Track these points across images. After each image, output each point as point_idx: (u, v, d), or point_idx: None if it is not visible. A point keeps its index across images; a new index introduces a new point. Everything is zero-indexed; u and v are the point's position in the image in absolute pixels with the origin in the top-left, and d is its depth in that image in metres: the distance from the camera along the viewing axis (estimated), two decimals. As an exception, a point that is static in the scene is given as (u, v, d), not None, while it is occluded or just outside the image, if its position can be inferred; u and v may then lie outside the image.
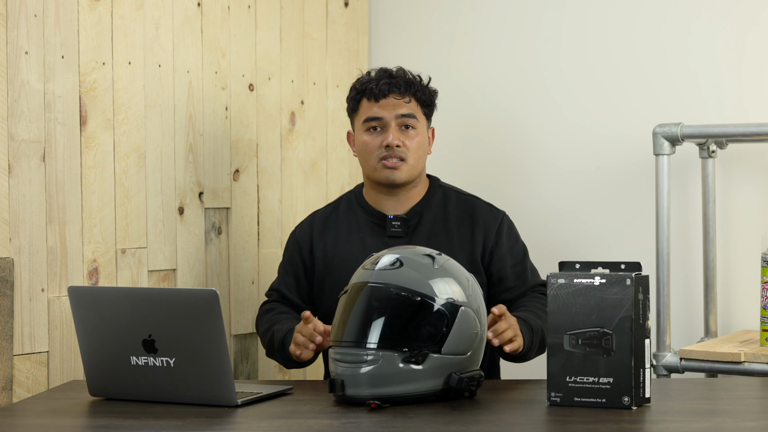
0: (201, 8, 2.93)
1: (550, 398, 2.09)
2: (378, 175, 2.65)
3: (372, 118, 2.66)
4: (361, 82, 2.71)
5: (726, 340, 2.89)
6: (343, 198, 2.79)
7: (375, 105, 2.66)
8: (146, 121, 2.78)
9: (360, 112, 2.70)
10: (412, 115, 2.66)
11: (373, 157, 2.65)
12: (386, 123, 2.65)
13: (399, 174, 2.64)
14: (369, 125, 2.66)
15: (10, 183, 2.48)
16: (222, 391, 2.12)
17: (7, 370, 2.46)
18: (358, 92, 2.70)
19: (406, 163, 2.64)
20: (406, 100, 2.66)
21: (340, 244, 2.69)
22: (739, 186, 3.04)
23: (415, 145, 2.65)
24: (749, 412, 2.13)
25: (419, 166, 2.68)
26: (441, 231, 2.66)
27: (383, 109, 2.65)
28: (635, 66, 3.16)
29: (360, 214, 2.72)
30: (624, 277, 2.04)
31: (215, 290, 2.08)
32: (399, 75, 2.69)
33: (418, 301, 2.13)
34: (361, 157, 2.70)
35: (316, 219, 2.76)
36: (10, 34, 2.48)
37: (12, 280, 2.48)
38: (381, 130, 2.66)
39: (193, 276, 2.90)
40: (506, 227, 2.69)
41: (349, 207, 2.75)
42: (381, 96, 2.65)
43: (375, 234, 2.68)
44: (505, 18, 3.34)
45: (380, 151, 2.64)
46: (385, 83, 2.65)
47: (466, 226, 2.67)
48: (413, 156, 2.65)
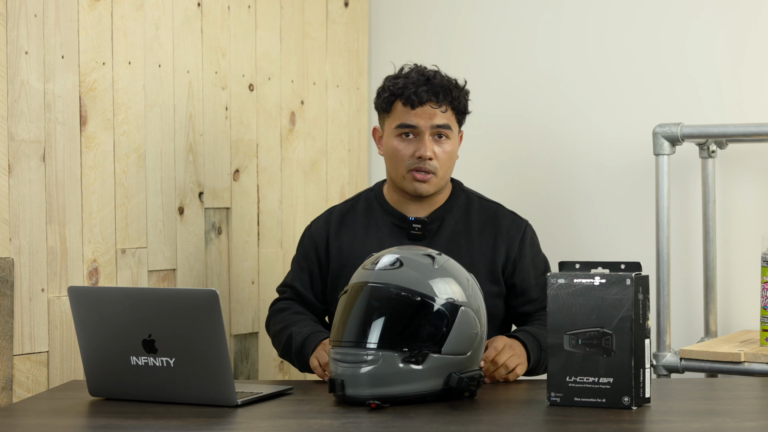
0: (201, 8, 2.93)
1: (550, 398, 2.09)
2: (406, 185, 2.59)
3: (406, 125, 2.57)
4: (397, 84, 2.59)
5: (726, 340, 2.89)
6: (362, 195, 2.72)
7: (410, 112, 2.56)
8: (146, 121, 2.78)
9: (393, 115, 2.60)
10: (447, 126, 2.58)
11: (403, 165, 2.58)
12: (420, 132, 2.56)
13: (427, 187, 2.57)
14: (402, 131, 2.57)
15: (10, 183, 2.48)
16: (222, 391, 2.12)
17: (7, 370, 2.46)
18: (393, 93, 2.59)
19: (436, 176, 2.57)
20: (443, 109, 2.57)
21: (357, 243, 2.63)
22: (739, 186, 3.04)
23: (446, 156, 2.58)
24: (749, 412, 2.13)
25: (447, 176, 2.62)
26: (462, 236, 2.61)
27: (419, 117, 2.56)
28: (635, 66, 3.16)
29: (379, 214, 2.65)
30: (624, 277, 2.04)
31: (215, 290, 2.08)
32: (437, 81, 2.58)
33: (418, 301, 2.13)
34: (389, 162, 2.62)
35: (333, 215, 2.69)
36: (10, 34, 2.48)
37: (12, 280, 2.48)
38: (414, 137, 2.57)
39: (193, 276, 2.90)
40: (529, 237, 2.64)
41: (368, 206, 2.68)
42: (418, 104, 2.56)
43: (394, 235, 2.62)
44: (504, 18, 3.34)
45: (411, 161, 2.56)
46: (424, 91, 2.55)
47: (488, 233, 2.61)
48: (443, 167, 2.58)
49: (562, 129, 3.26)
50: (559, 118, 3.26)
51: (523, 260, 2.61)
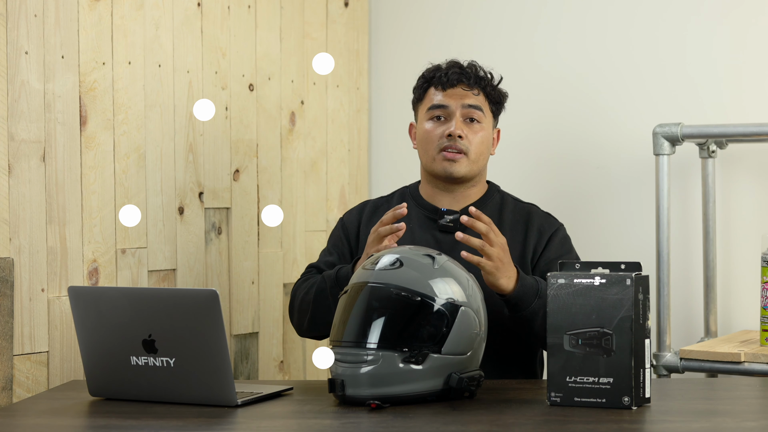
0: (201, 8, 2.93)
1: (550, 398, 2.09)
2: (436, 166, 2.57)
3: (437, 106, 2.58)
4: (430, 71, 2.63)
5: (726, 340, 2.89)
6: (398, 191, 2.73)
7: (441, 93, 2.58)
8: (146, 121, 2.78)
9: (425, 101, 2.62)
10: (479, 107, 2.58)
11: (433, 146, 2.57)
12: (451, 112, 2.57)
13: (458, 167, 2.56)
14: (433, 113, 2.58)
15: (10, 183, 2.48)
16: (222, 391, 2.12)
17: (7, 370, 2.46)
18: (426, 80, 2.62)
19: (467, 158, 2.56)
20: (475, 92, 2.58)
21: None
22: (739, 186, 3.04)
23: (478, 140, 2.57)
24: (749, 412, 2.14)
25: (480, 162, 2.59)
26: None
27: (450, 97, 2.58)
28: (635, 66, 3.16)
29: (412, 206, 2.63)
30: (624, 277, 2.04)
31: (215, 290, 2.08)
32: (471, 67, 2.62)
33: (418, 301, 2.13)
34: (421, 147, 2.61)
35: (367, 207, 2.70)
36: (10, 34, 2.48)
37: (12, 280, 2.48)
38: (445, 119, 2.58)
39: (193, 276, 2.90)
40: (560, 236, 2.61)
41: (402, 199, 2.67)
42: (449, 85, 2.58)
43: (425, 227, 2.60)
44: (504, 18, 3.34)
45: (441, 141, 2.55)
46: (455, 72, 2.58)
47: (519, 229, 2.60)
48: (475, 150, 2.56)
49: (562, 129, 3.26)
50: (559, 118, 3.26)
51: (547, 253, 2.57)
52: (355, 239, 2.66)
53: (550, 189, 3.26)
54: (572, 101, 3.24)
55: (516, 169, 3.31)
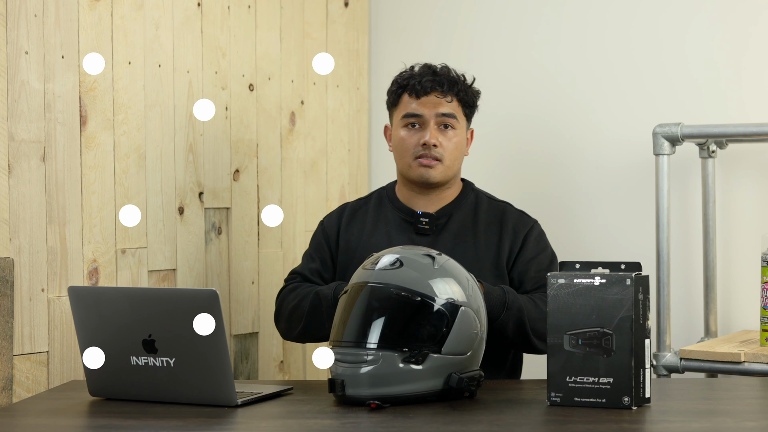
0: (201, 8, 2.93)
1: (550, 398, 2.09)
2: (412, 173, 2.63)
3: (411, 115, 2.63)
4: (404, 76, 2.67)
5: (726, 340, 2.89)
6: (375, 193, 2.77)
7: (415, 101, 2.63)
8: (146, 121, 2.78)
9: (400, 107, 2.66)
10: (453, 115, 2.63)
11: (409, 154, 2.62)
12: (425, 121, 2.62)
13: (434, 173, 2.61)
14: (407, 121, 2.63)
15: (10, 183, 2.48)
16: (222, 391, 2.12)
17: (7, 370, 2.46)
18: (400, 86, 2.67)
19: (442, 164, 2.61)
20: (448, 99, 2.63)
21: (366, 236, 2.67)
22: (739, 186, 3.04)
23: (452, 146, 2.62)
24: (749, 412, 2.13)
25: (455, 167, 2.65)
26: (468, 233, 2.63)
27: (424, 106, 2.62)
28: (635, 66, 3.16)
29: (389, 209, 2.69)
30: (624, 277, 2.04)
31: (215, 290, 2.08)
32: (443, 72, 2.65)
33: (418, 301, 2.13)
34: (397, 153, 2.67)
35: (346, 210, 2.75)
36: (10, 34, 2.48)
37: (12, 280, 2.48)
38: (419, 127, 2.63)
39: (193, 276, 2.90)
40: (535, 234, 2.65)
41: (379, 202, 2.73)
42: (423, 93, 2.62)
43: (402, 230, 2.65)
44: (504, 18, 3.34)
45: (417, 149, 2.61)
46: (428, 80, 2.62)
47: (494, 229, 2.63)
48: (449, 157, 2.62)
49: (562, 129, 3.26)
50: (560, 118, 3.26)
51: (523, 254, 2.61)
52: (335, 243, 2.70)
53: (550, 189, 3.26)
54: (572, 101, 3.24)
55: (516, 169, 3.31)
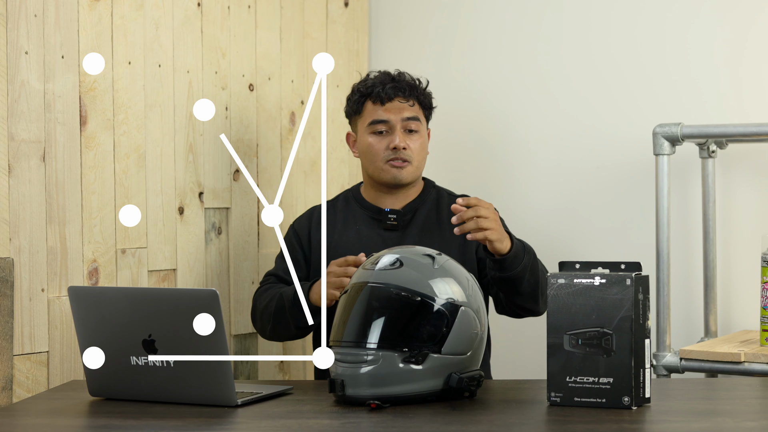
0: (201, 8, 2.93)
1: (550, 398, 2.09)
2: (384, 175, 2.74)
3: (378, 121, 2.74)
4: (365, 85, 2.78)
5: (726, 340, 2.89)
6: (341, 195, 2.88)
7: (380, 108, 2.75)
8: (146, 121, 2.78)
9: (365, 115, 2.77)
10: (416, 118, 2.76)
11: (379, 158, 2.74)
12: (392, 126, 2.74)
13: (405, 174, 2.73)
14: (375, 128, 2.75)
15: (10, 183, 2.48)
16: (222, 391, 2.12)
17: (7, 370, 2.46)
18: (363, 95, 2.78)
19: (411, 165, 2.74)
20: (410, 103, 2.76)
21: (336, 235, 2.76)
22: (739, 186, 3.04)
23: (418, 147, 2.75)
24: (749, 412, 2.13)
25: (422, 166, 2.78)
26: (434, 225, 2.75)
27: (389, 112, 2.74)
28: (635, 66, 3.16)
29: (357, 208, 2.80)
30: (624, 277, 2.04)
31: (215, 290, 2.08)
32: (402, 79, 2.77)
33: (418, 301, 2.13)
34: (365, 159, 2.77)
35: (315, 213, 2.83)
36: (10, 34, 2.48)
37: (12, 280, 2.48)
38: (387, 132, 2.74)
39: (193, 276, 2.90)
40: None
41: (346, 203, 2.83)
42: (387, 99, 2.74)
43: (371, 226, 2.76)
44: (505, 18, 3.34)
45: (387, 153, 2.73)
46: (391, 87, 2.74)
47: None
48: (417, 158, 2.75)
49: (563, 129, 3.26)
50: (560, 118, 3.26)
51: None
52: (307, 243, 2.79)
53: (550, 189, 3.26)
54: (572, 101, 3.24)
55: (516, 169, 3.31)
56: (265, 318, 2.68)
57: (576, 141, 3.24)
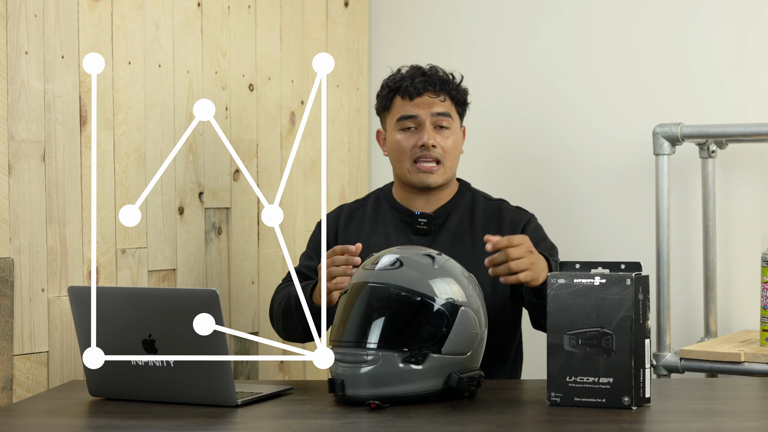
0: (201, 8, 2.93)
1: (550, 398, 2.09)
2: (412, 178, 2.61)
3: (406, 117, 2.61)
4: (394, 79, 2.65)
5: (726, 340, 2.89)
6: (372, 195, 2.75)
7: (409, 103, 2.61)
8: (146, 121, 2.78)
9: (393, 111, 2.64)
10: (448, 114, 2.62)
11: (407, 157, 2.60)
12: (421, 122, 2.60)
13: (434, 178, 2.60)
14: (403, 124, 2.61)
15: (10, 183, 2.48)
16: (222, 391, 2.12)
17: (7, 370, 2.46)
18: (391, 90, 2.64)
19: (442, 166, 2.60)
20: (441, 98, 2.62)
21: (364, 237, 2.65)
22: (739, 186, 3.04)
23: (450, 145, 2.61)
24: (749, 412, 2.14)
25: (454, 167, 2.64)
26: (467, 232, 2.62)
27: (418, 107, 2.60)
28: (635, 66, 3.16)
29: (387, 210, 2.68)
30: (624, 277, 2.04)
31: (215, 290, 2.08)
32: (433, 73, 2.64)
33: (418, 301, 2.13)
34: (393, 158, 2.65)
35: (343, 212, 2.73)
36: (10, 34, 2.48)
37: (12, 280, 2.48)
38: (415, 129, 2.61)
39: (193, 276, 2.90)
40: (532, 227, 2.63)
41: (377, 203, 2.71)
42: (416, 94, 2.60)
43: (400, 230, 2.64)
44: (504, 18, 3.34)
45: (414, 151, 2.59)
46: (420, 81, 2.61)
47: (492, 227, 2.62)
48: (449, 157, 2.61)
49: (562, 129, 3.26)
50: (559, 118, 3.26)
51: None
52: (333, 244, 2.67)
53: (550, 189, 3.26)
54: (572, 101, 3.24)
55: (516, 169, 3.31)
56: (276, 316, 2.61)
57: (576, 141, 3.24)
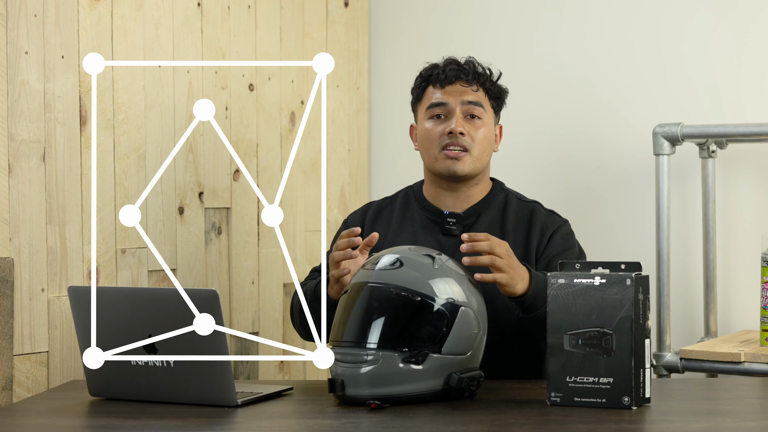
0: (201, 8, 2.93)
1: (550, 398, 2.09)
2: (439, 165, 2.52)
3: (436, 104, 2.53)
4: (428, 69, 2.59)
5: (726, 340, 2.89)
6: (402, 192, 2.67)
7: (440, 91, 2.54)
8: (146, 121, 2.78)
9: (424, 100, 2.57)
10: (479, 104, 2.53)
11: (435, 145, 2.52)
12: (451, 109, 2.52)
13: (461, 165, 2.50)
14: (432, 112, 2.54)
15: (10, 183, 2.48)
16: (222, 391, 2.12)
17: (7, 370, 2.46)
18: (424, 79, 2.58)
19: (470, 155, 2.51)
20: (474, 88, 2.54)
21: (390, 236, 2.58)
22: (739, 186, 3.04)
23: (480, 136, 2.52)
24: (749, 412, 2.14)
25: (483, 159, 2.54)
26: (496, 233, 2.51)
27: (448, 95, 2.53)
28: (635, 66, 3.16)
29: (416, 208, 2.60)
30: (624, 277, 2.04)
31: (215, 290, 2.08)
32: (468, 63, 2.57)
33: (418, 301, 2.13)
34: (422, 147, 2.56)
35: (371, 209, 2.65)
36: (10, 34, 2.48)
37: (12, 280, 2.48)
38: (445, 117, 2.53)
39: (193, 276, 2.90)
40: (563, 232, 2.56)
41: (405, 201, 2.63)
42: (447, 82, 2.53)
43: (428, 230, 2.55)
44: (504, 18, 3.34)
45: (443, 139, 2.51)
46: (453, 69, 2.54)
47: (522, 229, 2.55)
48: (478, 147, 2.52)
49: (562, 129, 3.26)
50: (559, 117, 3.26)
51: (548, 250, 2.52)
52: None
53: (550, 189, 3.26)
54: (572, 101, 3.24)
55: (516, 169, 3.31)
56: (294, 313, 2.55)
57: (576, 141, 3.24)
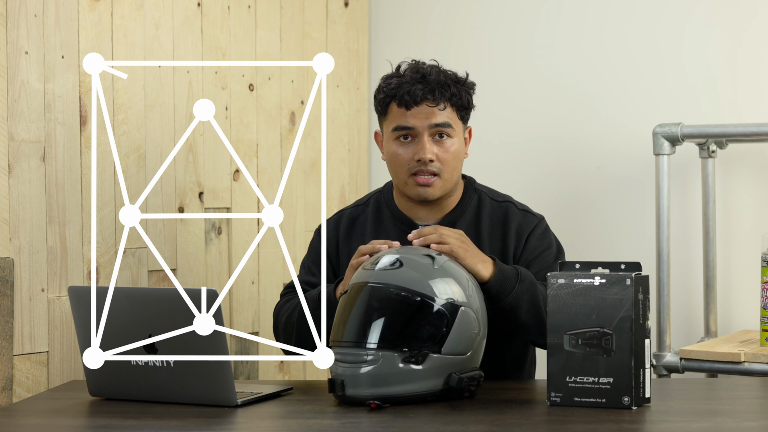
0: (201, 8, 2.93)
1: (550, 398, 2.09)
2: (409, 191, 2.46)
3: (402, 128, 2.42)
4: (390, 84, 2.45)
5: (726, 340, 2.89)
6: (372, 198, 2.59)
7: (406, 113, 2.42)
8: (146, 121, 2.78)
9: (389, 118, 2.46)
10: (447, 124, 2.42)
11: (404, 170, 2.44)
12: (418, 133, 2.42)
13: (432, 191, 2.43)
14: (399, 134, 2.43)
15: (10, 183, 2.48)
16: (222, 391, 2.12)
17: (7, 370, 2.46)
18: (387, 95, 2.45)
19: (440, 179, 2.43)
20: (441, 107, 2.42)
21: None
22: (739, 186, 3.04)
23: (450, 157, 2.43)
24: (749, 412, 2.13)
25: (454, 178, 2.47)
26: (472, 240, 2.40)
27: (415, 118, 2.41)
28: (634, 66, 3.16)
29: (388, 219, 2.53)
30: (624, 277, 2.04)
31: (215, 290, 2.08)
32: (433, 78, 2.43)
33: (418, 301, 2.13)
34: (391, 168, 2.49)
35: (343, 219, 2.58)
36: (10, 34, 2.48)
37: (12, 280, 2.48)
38: (412, 140, 2.43)
39: (193, 276, 2.90)
40: (538, 233, 2.51)
41: (377, 209, 2.56)
42: (413, 103, 2.41)
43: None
44: (503, 18, 3.34)
45: (412, 165, 2.43)
46: (418, 89, 2.41)
47: (497, 235, 2.50)
48: (448, 169, 2.44)
49: (562, 129, 3.26)
50: (559, 118, 3.26)
51: (525, 253, 2.49)
52: (335, 256, 2.55)
53: (550, 189, 3.26)
54: (572, 102, 3.24)
55: (516, 169, 3.31)
56: (288, 328, 2.46)
57: (576, 141, 3.24)
